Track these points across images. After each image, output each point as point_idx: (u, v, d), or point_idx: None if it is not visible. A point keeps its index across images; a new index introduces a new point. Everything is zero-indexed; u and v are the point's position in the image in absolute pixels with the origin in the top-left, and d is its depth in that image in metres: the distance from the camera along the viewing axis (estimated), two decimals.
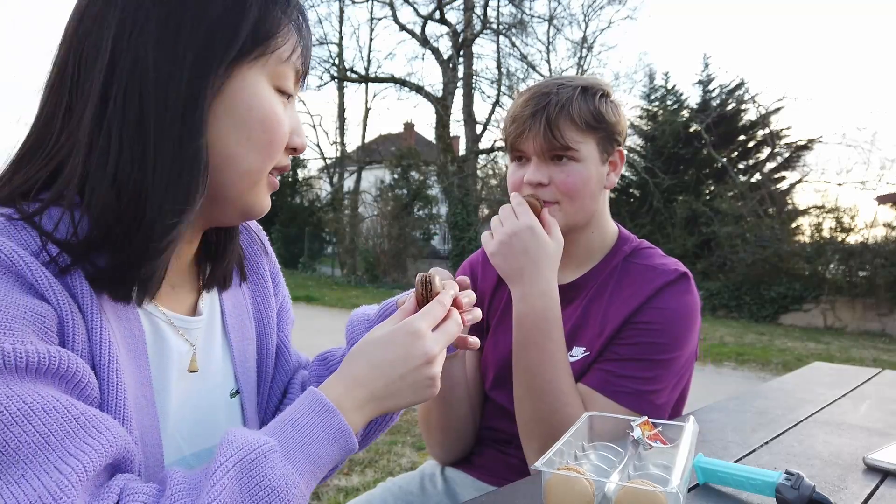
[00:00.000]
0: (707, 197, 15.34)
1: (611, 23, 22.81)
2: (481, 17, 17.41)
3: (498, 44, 17.64)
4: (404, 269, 16.27)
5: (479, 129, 17.45)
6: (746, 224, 13.32)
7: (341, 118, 20.24)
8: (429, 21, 17.54)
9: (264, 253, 0.92)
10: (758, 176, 15.46)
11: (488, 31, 17.57)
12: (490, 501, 0.80)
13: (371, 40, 27.17)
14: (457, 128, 18.18)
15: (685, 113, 16.91)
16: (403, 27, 17.89)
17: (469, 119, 17.32)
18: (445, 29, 17.69)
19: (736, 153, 16.28)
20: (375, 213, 18.10)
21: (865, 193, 18.01)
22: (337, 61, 18.96)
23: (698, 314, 1.16)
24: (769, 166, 15.67)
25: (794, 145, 15.39)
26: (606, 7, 21.54)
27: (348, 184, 20.22)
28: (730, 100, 16.46)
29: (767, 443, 1.05)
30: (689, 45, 33.94)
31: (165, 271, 0.66)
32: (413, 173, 17.37)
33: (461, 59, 17.33)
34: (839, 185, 14.38)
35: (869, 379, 1.64)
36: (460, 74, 17.22)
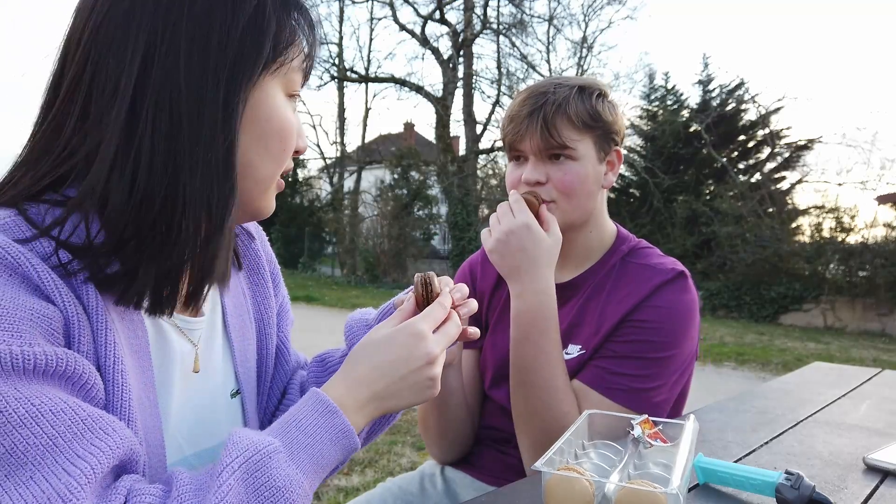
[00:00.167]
0: (707, 197, 15.34)
1: (611, 23, 22.80)
2: (481, 17, 17.42)
3: (498, 44, 17.67)
4: (404, 269, 16.26)
5: (479, 129, 17.49)
6: (746, 224, 13.31)
7: (341, 118, 20.24)
8: (429, 21, 17.57)
9: (263, 253, 0.92)
10: (758, 176, 15.45)
11: (488, 31, 17.60)
12: (490, 501, 0.80)
13: (371, 40, 27.19)
14: (457, 128, 18.24)
15: (685, 113, 16.90)
16: (403, 27, 17.91)
17: (469, 119, 17.32)
18: (445, 29, 17.74)
19: (736, 153, 16.29)
20: (375, 213, 18.10)
21: (865, 193, 18.04)
22: (337, 61, 18.99)
23: (696, 313, 1.16)
24: (769, 166, 15.68)
25: (794, 145, 15.39)
26: (606, 7, 21.51)
27: (348, 184, 20.21)
28: (730, 100, 16.46)
29: (767, 443, 1.06)
30: (689, 45, 33.88)
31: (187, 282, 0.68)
32: (413, 173, 17.36)
33: (461, 59, 17.34)
34: (839, 185, 14.42)
35: (869, 379, 1.64)
36: (460, 74, 17.23)
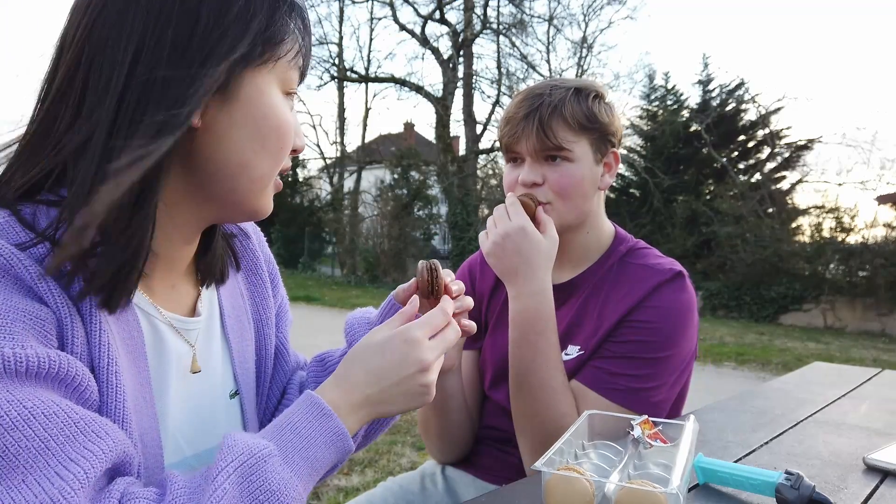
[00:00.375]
0: (707, 197, 15.33)
1: (611, 23, 22.75)
2: (481, 17, 17.40)
3: (498, 44, 17.64)
4: (404, 269, 16.25)
5: (479, 129, 17.45)
6: (746, 224, 13.30)
7: (341, 118, 20.22)
8: (429, 21, 17.54)
9: (261, 253, 0.92)
10: (758, 176, 15.43)
11: (488, 31, 17.57)
12: (490, 501, 0.80)
13: (371, 40, 27.15)
14: (457, 128, 18.21)
15: (685, 113, 16.87)
16: (403, 27, 17.89)
17: (469, 119, 17.31)
18: (445, 29, 17.71)
19: (736, 153, 16.27)
20: (375, 213, 18.10)
21: (865, 193, 18.04)
22: (337, 61, 18.96)
23: (694, 312, 1.16)
24: (769, 166, 15.65)
25: (794, 145, 15.36)
26: (606, 7, 21.38)
27: (348, 184, 20.19)
28: (730, 100, 16.43)
29: (767, 443, 1.05)
30: (689, 45, 33.93)
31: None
32: (413, 173, 17.34)
33: (461, 59, 17.32)
34: (839, 185, 14.43)
35: (869, 379, 1.64)
36: (460, 74, 17.21)
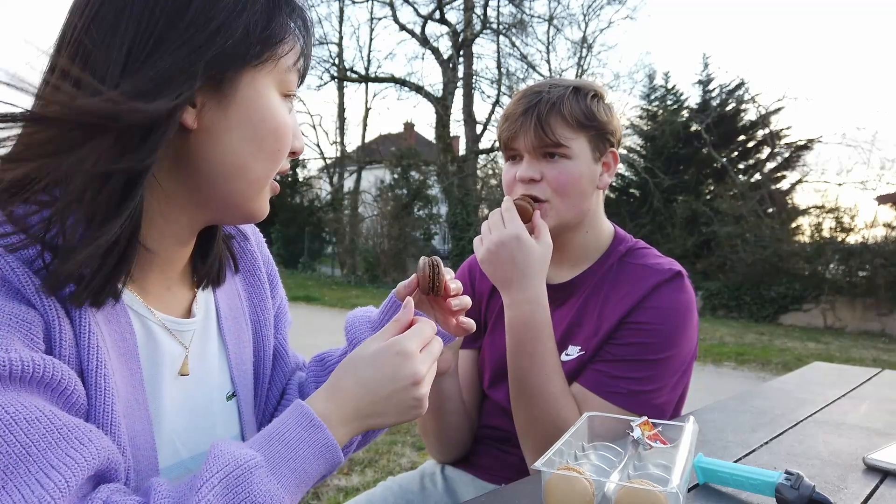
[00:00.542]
0: (707, 197, 15.33)
1: (611, 23, 22.95)
2: (481, 17, 17.41)
3: (498, 44, 17.66)
4: (404, 269, 16.25)
5: (479, 129, 17.47)
6: (746, 224, 13.30)
7: (341, 118, 20.24)
8: (429, 21, 17.55)
9: (259, 254, 0.91)
10: (758, 176, 15.43)
11: (488, 31, 17.59)
12: (490, 501, 0.80)
13: (371, 40, 27.25)
14: (457, 128, 18.23)
15: (685, 113, 16.88)
16: (403, 27, 17.90)
17: (469, 119, 17.32)
18: (445, 29, 17.73)
19: (736, 153, 16.27)
20: (375, 213, 18.09)
21: (865, 193, 18.04)
22: (337, 61, 18.98)
23: (694, 312, 1.16)
24: (769, 166, 15.65)
25: (794, 145, 15.37)
26: (606, 7, 21.54)
27: (348, 184, 20.20)
28: (730, 100, 16.44)
29: (767, 443, 1.05)
30: (689, 45, 34.03)
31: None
32: (413, 173, 17.34)
33: (461, 59, 17.33)
34: (839, 185, 14.47)
35: (869, 379, 1.64)
36: (460, 74, 17.22)
